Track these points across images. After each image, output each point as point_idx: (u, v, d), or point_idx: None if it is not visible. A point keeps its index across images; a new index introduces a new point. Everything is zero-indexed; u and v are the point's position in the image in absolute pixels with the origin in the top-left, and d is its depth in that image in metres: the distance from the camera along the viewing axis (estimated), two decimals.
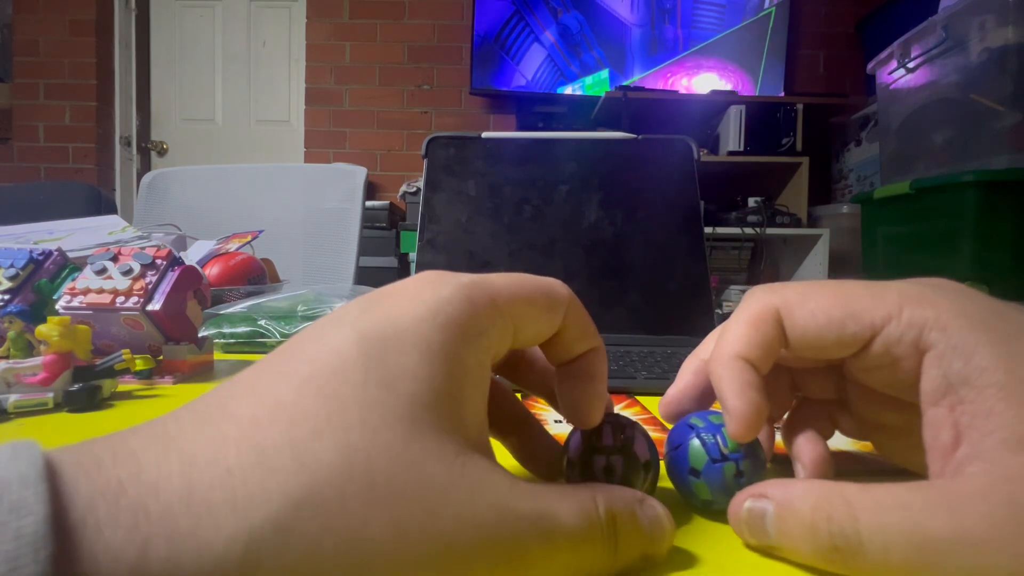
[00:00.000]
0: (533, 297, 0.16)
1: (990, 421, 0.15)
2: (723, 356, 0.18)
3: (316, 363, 0.13)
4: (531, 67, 2.13)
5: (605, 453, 0.18)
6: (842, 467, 0.23)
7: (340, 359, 0.13)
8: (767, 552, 0.17)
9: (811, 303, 0.18)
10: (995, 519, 0.13)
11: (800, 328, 0.18)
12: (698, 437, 0.19)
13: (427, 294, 0.14)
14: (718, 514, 0.19)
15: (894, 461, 0.20)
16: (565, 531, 0.14)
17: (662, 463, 0.20)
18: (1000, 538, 0.13)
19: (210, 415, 0.12)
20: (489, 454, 0.14)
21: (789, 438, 0.21)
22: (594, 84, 2.12)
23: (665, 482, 0.20)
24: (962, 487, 0.14)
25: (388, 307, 0.14)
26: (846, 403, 0.21)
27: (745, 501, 0.17)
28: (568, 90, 2.15)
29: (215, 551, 0.10)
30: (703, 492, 0.19)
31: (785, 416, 0.22)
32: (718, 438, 0.19)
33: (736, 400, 0.17)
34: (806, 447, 0.20)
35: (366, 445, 0.12)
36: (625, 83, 2.09)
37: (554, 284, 0.17)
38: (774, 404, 0.21)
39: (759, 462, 0.19)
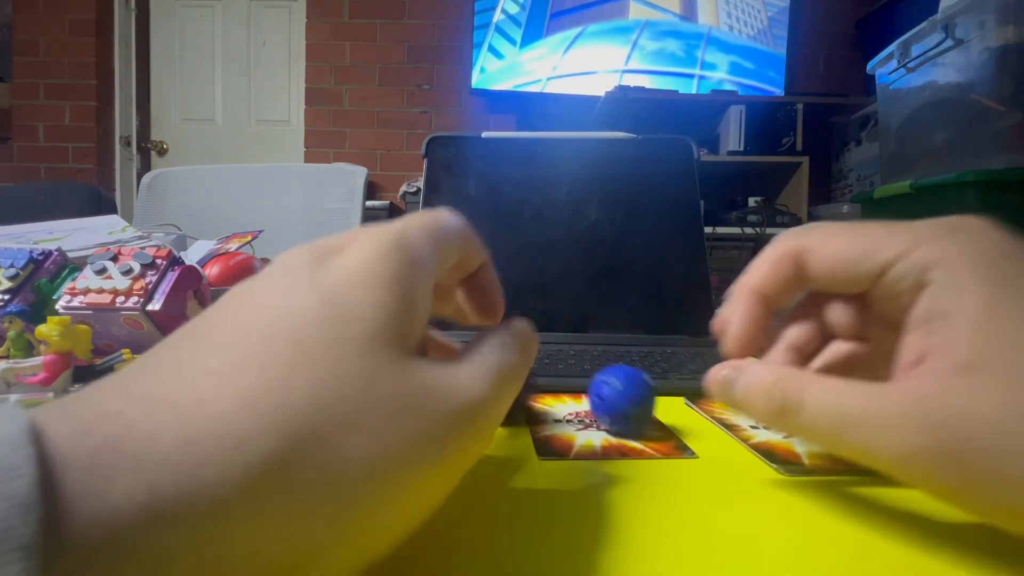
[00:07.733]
0: (449, 231, 0.18)
1: (950, 347, 0.16)
2: (742, 287, 0.22)
3: (279, 312, 0.14)
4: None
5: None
6: (844, 466, 0.23)
7: (302, 306, 0.14)
8: (731, 404, 0.20)
9: (830, 245, 0.20)
10: (904, 407, 0.16)
11: (818, 268, 0.20)
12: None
13: (373, 239, 0.16)
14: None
15: None
16: (502, 376, 0.17)
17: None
18: (902, 424, 0.16)
19: (189, 370, 0.13)
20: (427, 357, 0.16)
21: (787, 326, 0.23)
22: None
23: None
24: (892, 387, 0.17)
25: (338, 257, 0.15)
26: (867, 339, 0.22)
27: (723, 370, 0.21)
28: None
29: (219, 486, 0.11)
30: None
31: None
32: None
33: (737, 326, 0.22)
34: (794, 332, 0.23)
35: (332, 378, 0.13)
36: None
37: (449, 215, 0.19)
38: (805, 343, 0.22)
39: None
